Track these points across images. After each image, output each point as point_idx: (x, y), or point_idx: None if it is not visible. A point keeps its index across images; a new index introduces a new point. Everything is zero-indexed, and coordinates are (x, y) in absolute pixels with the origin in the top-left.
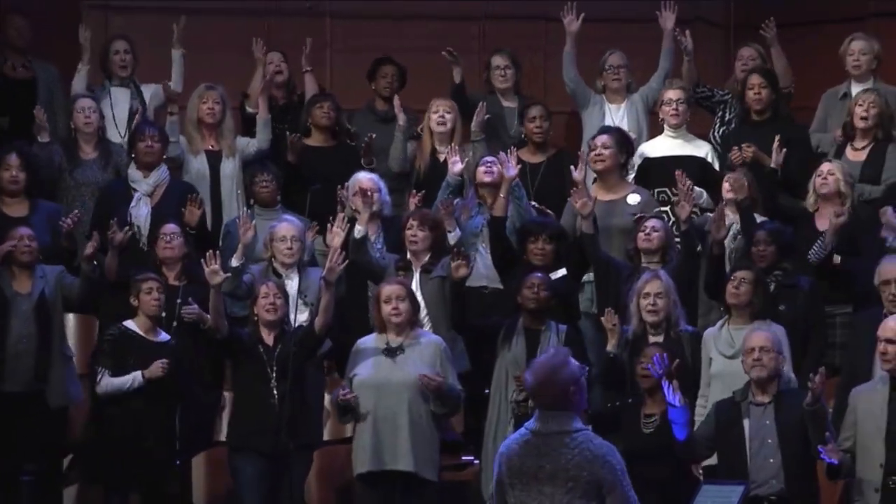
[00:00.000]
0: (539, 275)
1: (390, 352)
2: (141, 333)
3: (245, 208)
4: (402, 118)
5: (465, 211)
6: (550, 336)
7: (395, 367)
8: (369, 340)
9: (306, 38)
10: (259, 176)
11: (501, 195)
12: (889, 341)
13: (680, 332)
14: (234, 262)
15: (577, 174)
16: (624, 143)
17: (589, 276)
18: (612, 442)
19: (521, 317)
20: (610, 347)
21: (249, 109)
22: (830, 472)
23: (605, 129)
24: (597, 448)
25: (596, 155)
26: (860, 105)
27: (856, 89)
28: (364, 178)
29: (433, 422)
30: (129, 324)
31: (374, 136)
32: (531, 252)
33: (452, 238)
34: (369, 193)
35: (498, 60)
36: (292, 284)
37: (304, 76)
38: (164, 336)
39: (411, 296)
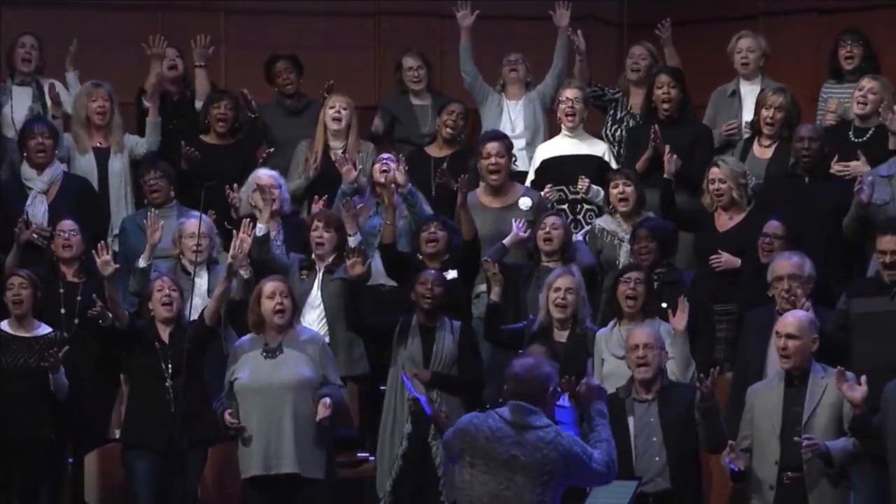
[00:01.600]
0: (432, 272)
1: (270, 352)
2: (11, 332)
3: (153, 209)
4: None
5: (363, 212)
6: (445, 334)
7: (276, 369)
8: (247, 341)
9: (199, 34)
10: (149, 174)
11: (388, 223)
12: (790, 337)
13: (585, 329)
14: (142, 263)
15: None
16: (510, 146)
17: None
18: None
19: (415, 315)
20: (493, 296)
21: (146, 104)
22: (735, 477)
23: (494, 136)
24: (566, 442)
25: (492, 164)
26: (767, 108)
27: (744, 87)
28: (264, 175)
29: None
30: (3, 324)
31: (272, 150)
32: (423, 241)
33: (353, 241)
34: (269, 190)
35: (409, 62)
36: (201, 282)
37: (196, 71)
38: (43, 329)
39: (292, 294)
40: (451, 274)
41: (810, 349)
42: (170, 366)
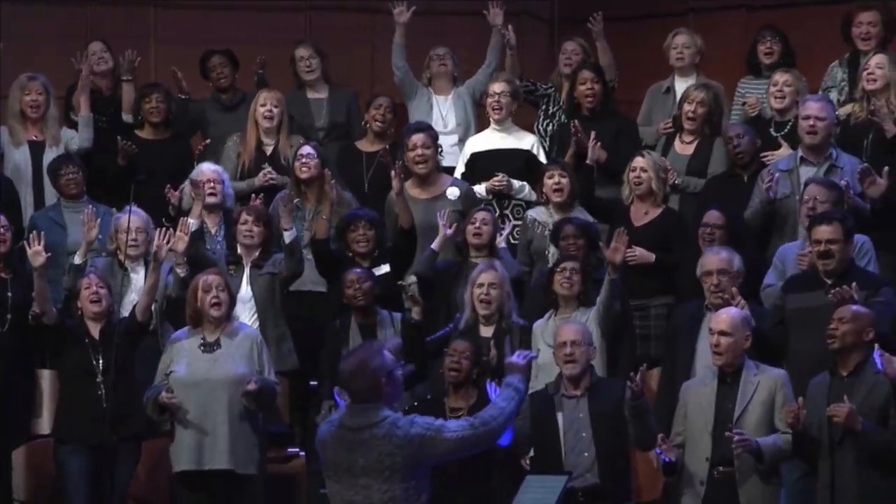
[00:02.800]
0: (356, 270)
1: (207, 347)
2: None
3: (90, 206)
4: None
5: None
6: (386, 328)
7: (213, 364)
8: (183, 334)
9: (128, 49)
10: (64, 168)
11: (324, 217)
12: (723, 334)
13: (511, 324)
14: (77, 260)
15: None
16: (436, 137)
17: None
18: None
19: (352, 315)
20: (415, 315)
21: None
22: (667, 469)
23: (418, 127)
24: (401, 429)
25: (418, 156)
26: (689, 103)
27: (679, 84)
28: (207, 169)
29: (256, 416)
30: None
31: (209, 141)
32: (353, 241)
33: (288, 236)
34: (202, 185)
35: (301, 52)
36: (137, 278)
37: (123, 85)
38: None
39: (229, 288)
40: (384, 269)
41: (743, 346)
42: (100, 362)
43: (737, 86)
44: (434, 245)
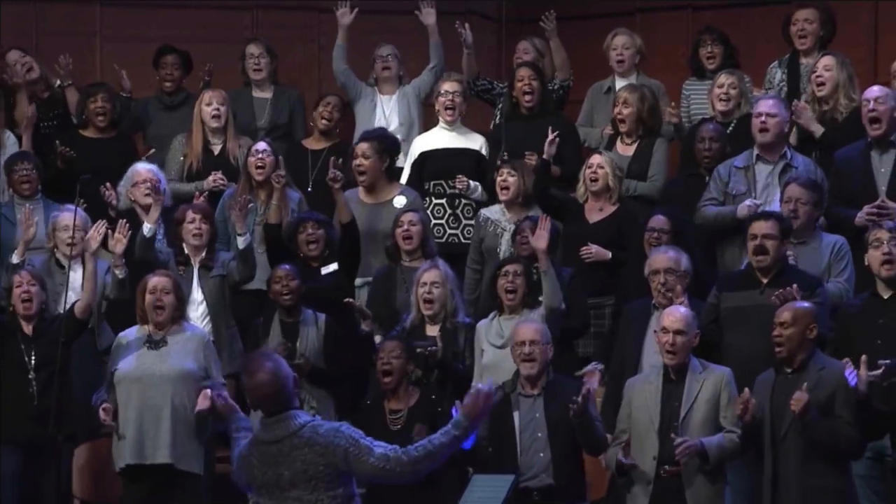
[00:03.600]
0: (285, 266)
1: (153, 344)
2: None
3: (28, 205)
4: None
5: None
6: (308, 328)
7: (159, 359)
8: (132, 333)
9: (62, 54)
10: (19, 165)
11: (274, 202)
12: (678, 332)
13: (456, 323)
14: (15, 259)
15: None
16: (386, 146)
17: (366, 279)
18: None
19: (276, 312)
20: (365, 327)
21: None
22: (620, 470)
23: (364, 136)
24: (324, 438)
25: (357, 165)
26: (616, 104)
27: (619, 83)
28: (143, 169)
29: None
30: None
31: (153, 150)
32: (302, 243)
33: (242, 242)
34: (155, 188)
35: (252, 49)
36: (76, 276)
37: (65, 91)
38: None
39: (177, 289)
40: (332, 267)
41: (692, 345)
42: (33, 359)
43: (682, 87)
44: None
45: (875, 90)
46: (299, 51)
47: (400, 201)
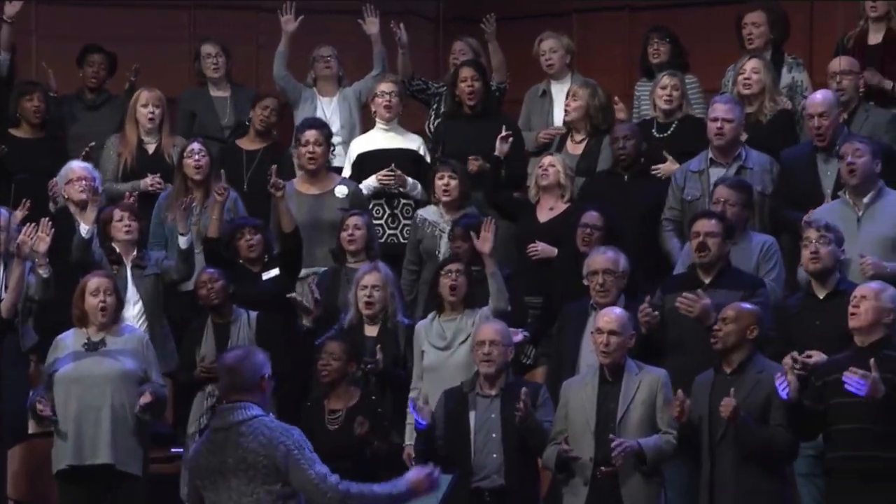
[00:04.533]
0: (209, 270)
1: (92, 346)
2: None
3: None
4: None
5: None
6: (240, 327)
7: (98, 361)
8: (69, 335)
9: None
10: None
11: (214, 217)
12: (612, 333)
13: (397, 324)
14: None
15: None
16: (330, 135)
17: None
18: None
19: (209, 315)
20: (306, 322)
21: None
22: (560, 465)
23: (312, 123)
24: (271, 432)
25: (309, 152)
26: (570, 100)
27: (554, 86)
28: (78, 167)
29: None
30: None
31: (93, 144)
32: (242, 248)
33: (184, 242)
34: (91, 188)
35: (208, 49)
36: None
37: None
38: None
39: (117, 290)
40: (273, 272)
41: (627, 345)
42: None
43: (634, 88)
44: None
45: (818, 101)
46: (238, 50)
47: (342, 191)
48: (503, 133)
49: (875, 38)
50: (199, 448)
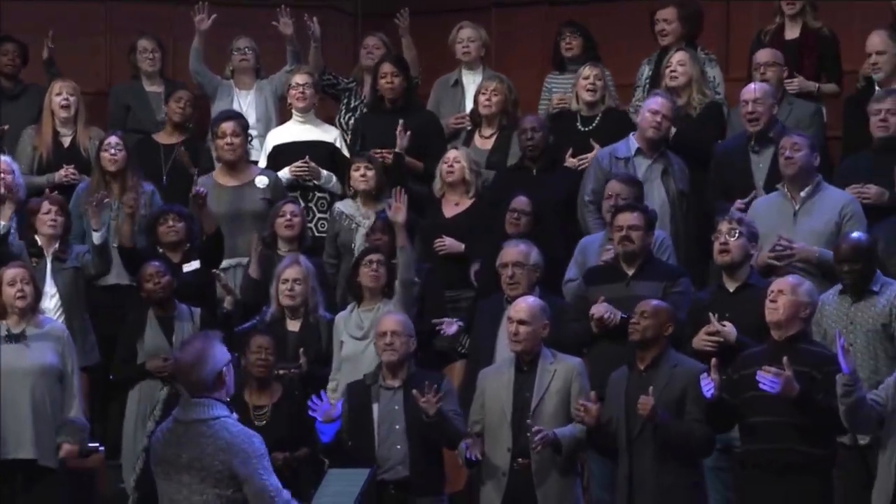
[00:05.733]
0: (155, 263)
1: (13, 338)
2: None
3: None
4: None
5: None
6: (183, 322)
7: (19, 354)
8: None
9: None
10: None
11: (125, 229)
12: (521, 322)
13: (319, 318)
14: None
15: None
16: (247, 125)
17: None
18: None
19: (149, 309)
20: (227, 305)
21: None
22: (469, 463)
23: (228, 115)
24: (232, 437)
25: (227, 143)
26: (483, 94)
27: (466, 77)
28: None
29: (60, 409)
30: None
31: (6, 127)
32: (163, 234)
33: (98, 238)
34: (4, 182)
35: (144, 44)
36: None
37: None
38: None
39: (34, 280)
40: (194, 264)
41: (540, 335)
42: None
43: (544, 81)
44: None
45: (753, 89)
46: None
47: (262, 181)
48: (399, 128)
49: (791, 33)
50: (160, 436)
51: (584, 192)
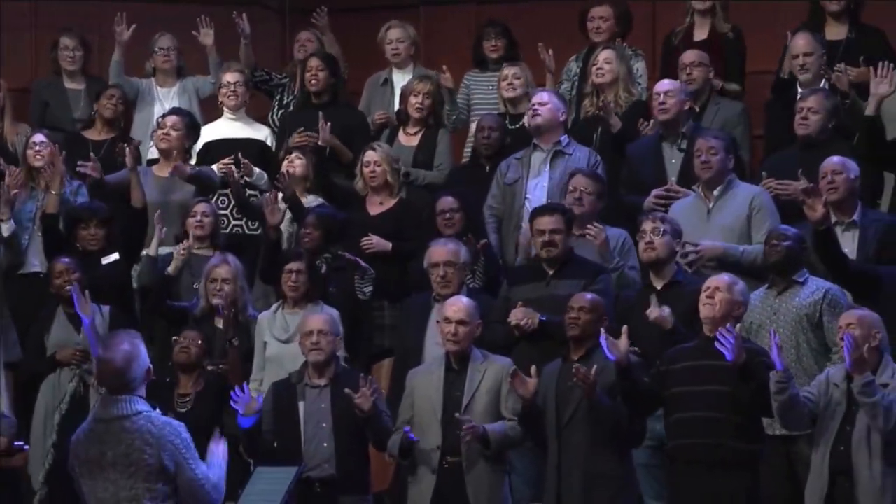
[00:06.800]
0: (64, 260)
1: None
2: None
3: None
4: None
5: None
6: (94, 316)
7: None
8: None
9: None
10: None
11: (53, 192)
12: (461, 323)
13: (248, 318)
14: None
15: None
16: (193, 124)
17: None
18: None
19: (59, 305)
20: (170, 270)
21: None
22: (404, 451)
23: (176, 111)
24: (157, 430)
25: (164, 134)
26: (414, 96)
27: (396, 76)
28: None
29: None
30: None
31: None
32: (83, 238)
33: (7, 229)
34: None
35: (66, 41)
36: None
37: None
38: None
39: None
40: (113, 257)
41: (474, 334)
42: None
43: (463, 78)
44: None
45: (666, 84)
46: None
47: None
48: (321, 122)
49: (700, 34)
50: (80, 436)
51: (489, 199)
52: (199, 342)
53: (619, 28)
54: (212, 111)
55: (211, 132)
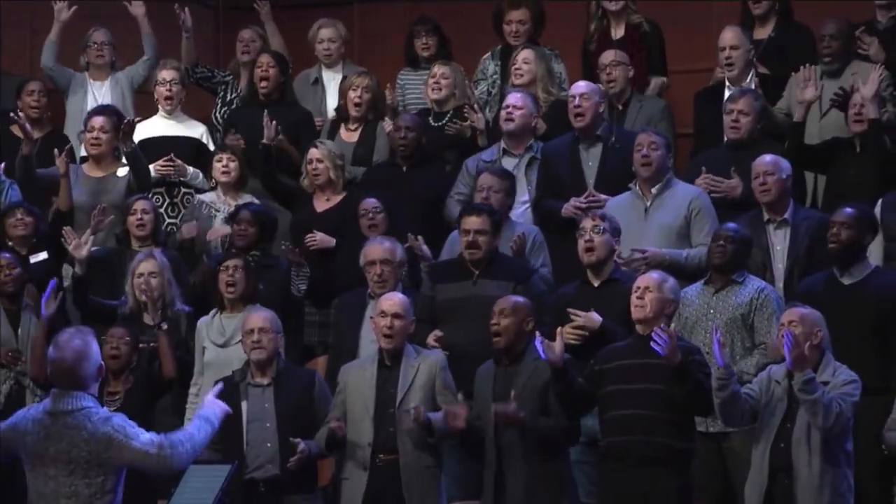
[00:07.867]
0: (6, 255)
1: None
2: None
3: None
4: None
5: None
6: (31, 314)
7: None
8: None
9: None
10: None
11: None
12: (396, 316)
13: (177, 313)
14: None
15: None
16: (119, 122)
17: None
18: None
19: None
20: (78, 270)
21: None
22: (331, 444)
23: (101, 110)
24: (94, 425)
25: (94, 139)
26: (354, 90)
27: (326, 74)
28: None
29: None
30: None
31: None
32: (10, 227)
33: None
34: None
35: None
36: None
37: None
38: None
39: None
40: (41, 256)
41: (408, 330)
42: None
43: (397, 77)
44: None
45: (581, 86)
46: (9, 35)
47: (124, 172)
48: (265, 120)
49: (617, 32)
50: (30, 427)
51: (453, 192)
52: (128, 339)
53: (535, 31)
54: (149, 103)
55: (146, 130)
